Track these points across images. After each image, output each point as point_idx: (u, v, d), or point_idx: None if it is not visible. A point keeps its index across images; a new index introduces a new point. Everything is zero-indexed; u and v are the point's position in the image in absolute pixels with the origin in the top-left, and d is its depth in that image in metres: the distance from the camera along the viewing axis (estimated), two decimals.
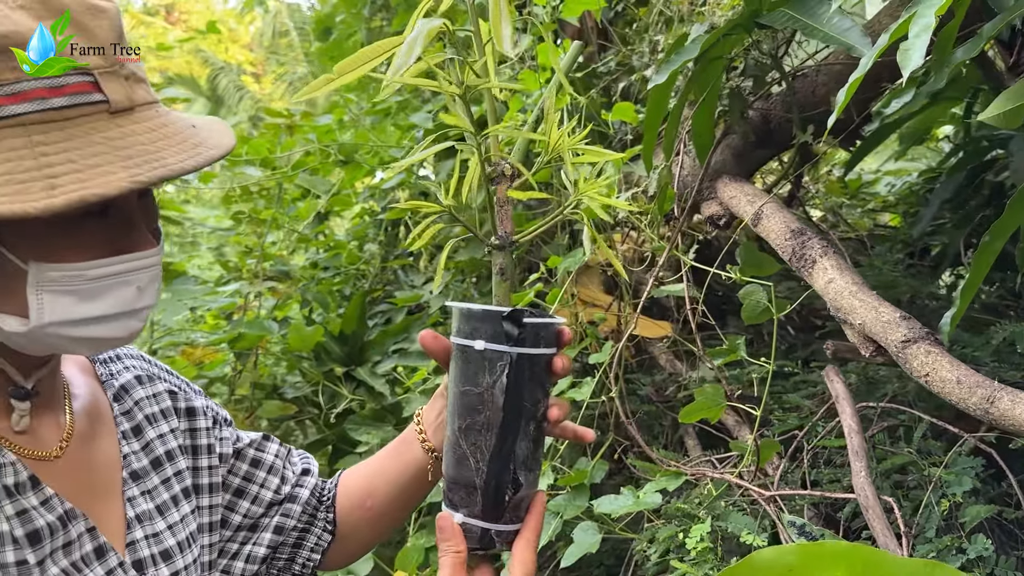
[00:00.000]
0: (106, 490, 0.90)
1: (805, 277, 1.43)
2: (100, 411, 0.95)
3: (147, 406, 0.99)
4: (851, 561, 0.74)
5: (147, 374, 1.03)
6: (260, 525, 1.08)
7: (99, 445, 0.92)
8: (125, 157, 0.71)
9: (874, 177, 2.99)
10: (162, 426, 1.00)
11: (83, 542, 0.83)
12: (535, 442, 0.85)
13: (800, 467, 1.81)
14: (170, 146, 0.75)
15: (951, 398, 1.15)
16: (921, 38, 0.99)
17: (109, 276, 0.76)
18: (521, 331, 0.82)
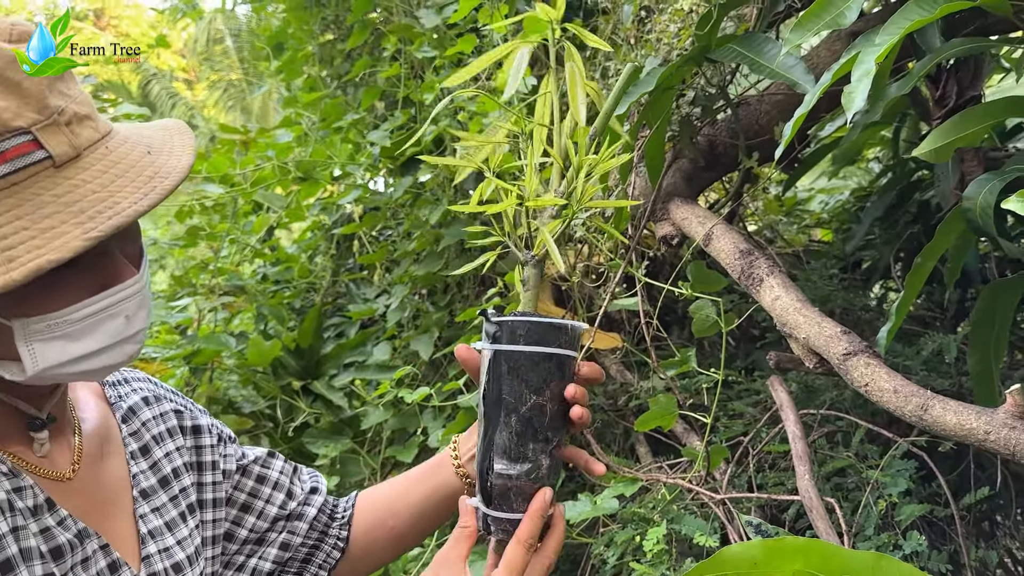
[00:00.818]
0: (117, 508, 0.94)
1: (753, 294, 1.53)
2: (109, 433, 0.98)
3: (154, 426, 1.03)
4: (809, 555, 0.83)
5: (154, 395, 1.07)
6: (266, 540, 1.12)
7: (109, 465, 0.96)
8: (77, 212, 0.70)
9: (808, 195, 3.14)
10: (168, 445, 1.04)
11: (97, 559, 0.87)
12: (519, 435, 0.88)
13: (747, 471, 1.92)
14: (124, 187, 0.74)
15: (889, 406, 1.25)
16: (863, 83, 1.10)
17: (94, 314, 0.77)
18: (497, 329, 0.89)
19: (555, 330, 0.89)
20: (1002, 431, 1.13)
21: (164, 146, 0.81)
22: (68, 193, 0.71)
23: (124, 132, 0.81)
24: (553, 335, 0.88)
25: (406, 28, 2.62)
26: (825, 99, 1.38)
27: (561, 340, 0.89)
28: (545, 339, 0.88)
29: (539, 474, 0.89)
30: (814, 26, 1.23)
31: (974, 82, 1.70)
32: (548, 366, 0.89)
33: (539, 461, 0.89)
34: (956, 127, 1.21)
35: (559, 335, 0.89)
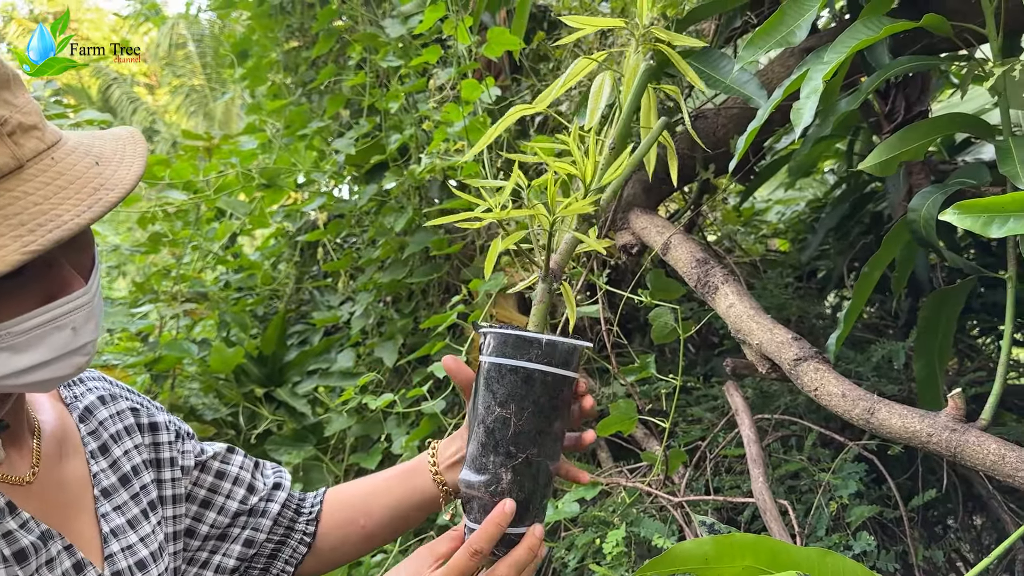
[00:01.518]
0: (78, 509, 0.94)
1: (709, 302, 1.57)
2: (67, 433, 0.98)
3: (111, 425, 1.03)
4: (758, 551, 0.87)
5: (109, 394, 1.06)
6: (229, 536, 1.12)
7: (68, 466, 0.96)
8: (17, 224, 0.69)
9: (765, 206, 3.22)
10: (127, 443, 1.04)
11: (62, 559, 0.87)
12: (483, 446, 0.88)
13: (704, 475, 1.96)
14: (67, 198, 0.73)
15: (837, 410, 1.30)
16: (811, 99, 1.14)
17: (39, 327, 0.76)
18: (483, 340, 0.90)
19: (524, 343, 0.86)
20: (943, 433, 1.19)
21: (114, 156, 0.80)
22: (8, 205, 0.69)
23: (73, 142, 0.80)
24: (522, 349, 0.86)
25: (371, 37, 2.64)
26: (779, 113, 1.43)
27: (531, 354, 0.86)
28: (513, 352, 0.86)
29: (498, 488, 0.87)
30: (766, 43, 1.28)
31: (921, 98, 1.77)
32: (513, 379, 0.86)
33: (498, 474, 0.87)
34: (901, 141, 1.26)
35: (528, 349, 0.86)
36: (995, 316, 2.24)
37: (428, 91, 2.52)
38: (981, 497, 2.01)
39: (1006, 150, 1.18)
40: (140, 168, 0.80)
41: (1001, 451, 1.12)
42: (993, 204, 0.93)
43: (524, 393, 0.87)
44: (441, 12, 2.08)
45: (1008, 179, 1.15)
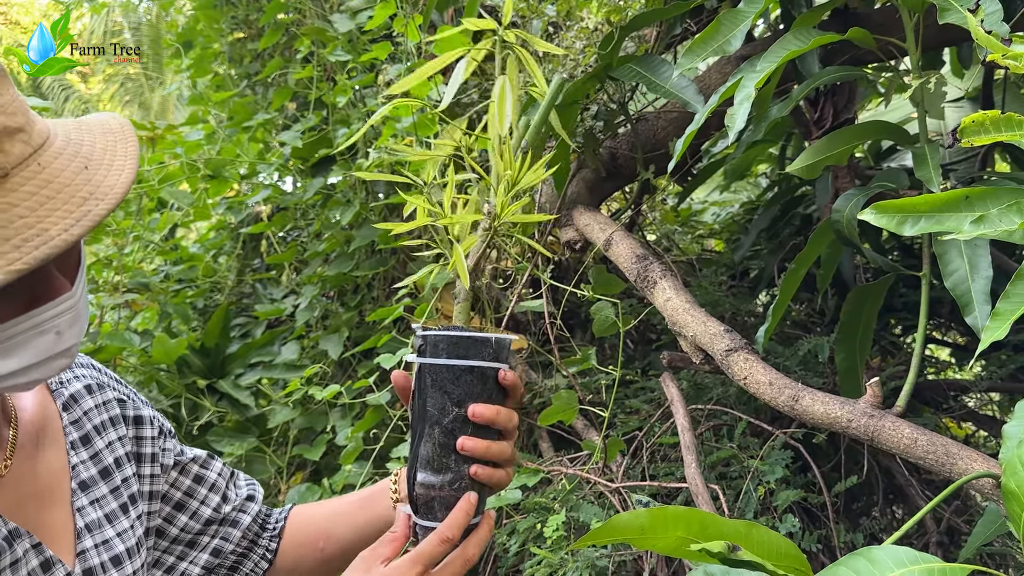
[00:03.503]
0: (52, 501, 0.91)
1: (647, 296, 1.64)
2: (48, 422, 0.95)
3: (96, 415, 1.00)
4: (689, 521, 0.94)
5: (97, 383, 1.03)
6: (197, 543, 1.10)
7: (46, 456, 0.92)
8: (2, 241, 0.66)
9: (702, 207, 3.32)
10: (111, 434, 1.01)
11: (29, 558, 0.84)
12: (441, 446, 0.89)
13: (640, 463, 2.04)
14: (55, 210, 0.69)
15: (764, 397, 1.38)
16: (744, 106, 1.22)
17: (22, 332, 0.74)
18: (422, 342, 0.90)
19: (478, 344, 0.88)
20: (862, 419, 1.27)
21: (104, 156, 0.76)
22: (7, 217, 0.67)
23: (60, 140, 0.75)
24: (476, 348, 0.88)
25: (319, 31, 2.66)
26: (716, 117, 1.51)
27: (484, 353, 0.89)
28: (467, 352, 0.88)
29: (462, 484, 0.89)
30: (703, 51, 1.35)
31: (848, 105, 1.87)
32: (470, 379, 0.88)
33: (461, 471, 0.89)
34: (826, 146, 1.35)
35: (482, 348, 0.88)
36: (916, 314, 2.37)
37: (376, 86, 2.55)
38: (901, 488, 2.13)
39: (922, 156, 1.28)
40: (132, 173, 0.76)
41: (914, 435, 1.21)
42: (907, 205, 1.02)
43: (479, 391, 0.89)
44: (391, 9, 2.12)
45: (923, 183, 1.25)
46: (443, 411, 0.89)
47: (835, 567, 0.84)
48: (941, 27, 1.21)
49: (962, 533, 1.99)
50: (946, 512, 2.01)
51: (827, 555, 1.85)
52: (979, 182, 1.65)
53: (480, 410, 0.87)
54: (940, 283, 1.30)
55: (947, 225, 0.99)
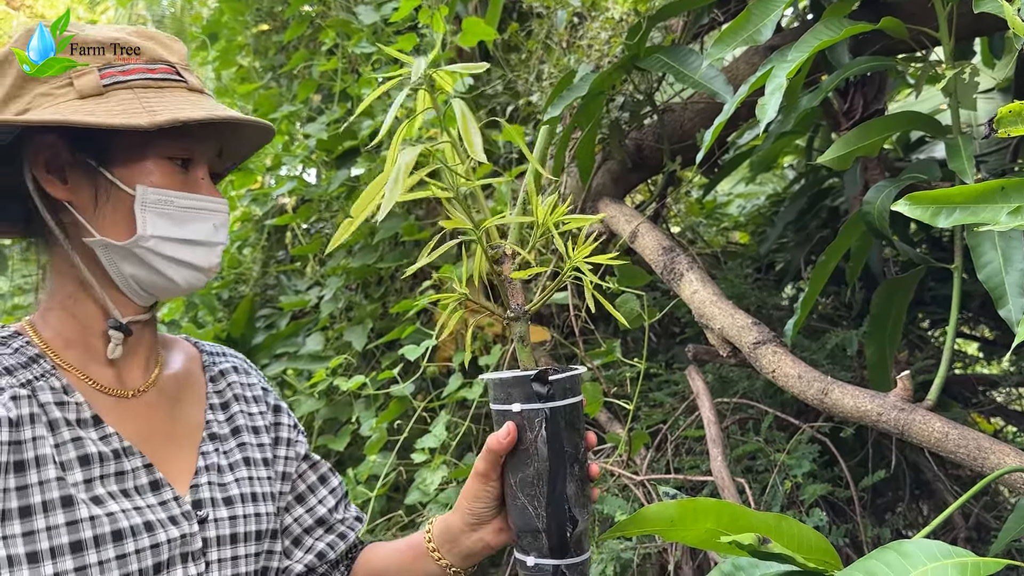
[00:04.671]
0: (181, 444, 1.00)
1: (674, 288, 1.63)
2: (193, 382, 1.07)
3: (239, 389, 1.10)
4: (719, 514, 0.93)
5: (243, 369, 1.14)
6: (303, 543, 1.13)
7: (184, 408, 1.03)
8: (199, 106, 0.93)
9: (728, 199, 3.30)
10: (251, 407, 1.10)
11: (138, 475, 0.92)
12: (581, 480, 0.94)
13: (664, 456, 2.03)
14: (227, 111, 0.96)
15: (793, 390, 1.37)
16: (775, 96, 1.21)
17: (192, 208, 0.95)
18: (550, 388, 0.91)
19: (579, 379, 0.95)
20: (893, 412, 1.26)
21: None
22: (196, 99, 0.94)
23: None
24: (579, 383, 0.95)
25: (344, 23, 2.66)
26: (744, 108, 1.50)
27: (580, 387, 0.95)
28: (577, 388, 0.95)
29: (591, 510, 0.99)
30: (733, 41, 1.34)
31: (878, 96, 1.85)
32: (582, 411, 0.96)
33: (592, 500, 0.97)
34: (857, 137, 1.34)
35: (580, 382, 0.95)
36: (944, 308, 2.34)
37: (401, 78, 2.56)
38: (928, 483, 2.11)
39: (955, 147, 1.26)
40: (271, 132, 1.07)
41: (945, 429, 1.20)
42: (941, 196, 1.00)
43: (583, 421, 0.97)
44: (417, 1, 2.12)
45: (956, 174, 1.23)
46: (577, 447, 0.93)
47: (865, 560, 0.83)
48: (974, 16, 1.19)
49: (991, 529, 1.97)
50: (975, 507, 1.99)
51: (853, 550, 1.83)
52: (1012, 173, 1.63)
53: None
54: (969, 276, 1.29)
55: (982, 216, 0.98)
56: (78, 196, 0.93)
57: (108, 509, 0.87)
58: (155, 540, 0.89)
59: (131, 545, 0.87)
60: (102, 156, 0.92)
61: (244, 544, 0.99)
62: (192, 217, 0.95)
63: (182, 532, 0.93)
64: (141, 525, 0.89)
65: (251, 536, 1.00)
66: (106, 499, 0.88)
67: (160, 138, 0.92)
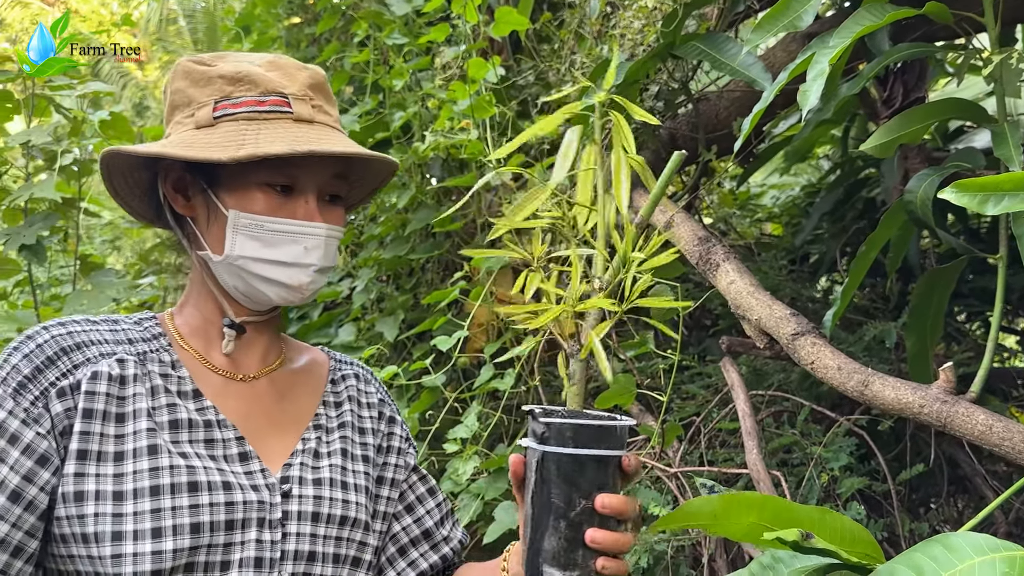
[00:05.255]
0: (285, 429, 1.05)
1: (710, 278, 1.62)
2: (311, 381, 1.12)
3: (354, 392, 1.14)
4: (763, 508, 0.92)
5: (365, 378, 1.17)
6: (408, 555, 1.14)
7: (296, 399, 1.09)
8: (292, 140, 0.96)
9: (761, 190, 3.27)
10: (363, 411, 1.14)
11: (228, 445, 0.98)
12: (569, 540, 0.83)
13: (698, 448, 2.02)
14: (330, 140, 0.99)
15: (833, 382, 1.35)
16: (817, 82, 1.19)
17: (281, 232, 0.99)
18: (545, 430, 0.83)
19: (606, 432, 0.83)
20: (934, 404, 1.24)
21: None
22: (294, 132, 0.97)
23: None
24: (604, 437, 0.83)
25: (376, 15, 2.66)
26: (780, 97, 1.48)
27: (611, 442, 0.83)
28: (595, 441, 0.82)
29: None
30: (772, 27, 1.32)
31: (919, 84, 1.82)
32: (596, 468, 0.83)
33: (588, 566, 0.84)
34: (900, 124, 1.31)
35: (609, 437, 0.83)
36: (982, 301, 2.30)
37: (432, 69, 2.55)
38: (965, 478, 2.08)
39: (1001, 135, 1.23)
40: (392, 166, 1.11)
41: (989, 422, 1.18)
42: (989, 183, 0.98)
43: (604, 480, 0.83)
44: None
45: (1003, 162, 1.20)
46: (570, 503, 0.83)
47: (910, 554, 0.81)
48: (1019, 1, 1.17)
49: None
50: (1015, 502, 1.95)
51: (891, 545, 1.81)
52: None
53: (609, 501, 0.83)
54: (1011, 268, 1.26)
55: None
56: (196, 213, 1.03)
57: (190, 463, 0.93)
58: (231, 499, 0.93)
59: (205, 498, 0.92)
60: (211, 180, 1.00)
61: (326, 525, 1.01)
62: (281, 240, 0.99)
63: (260, 499, 0.96)
64: (219, 483, 0.93)
65: (334, 519, 1.02)
66: (191, 456, 0.94)
67: (260, 167, 0.97)
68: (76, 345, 0.96)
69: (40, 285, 2.60)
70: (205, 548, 0.91)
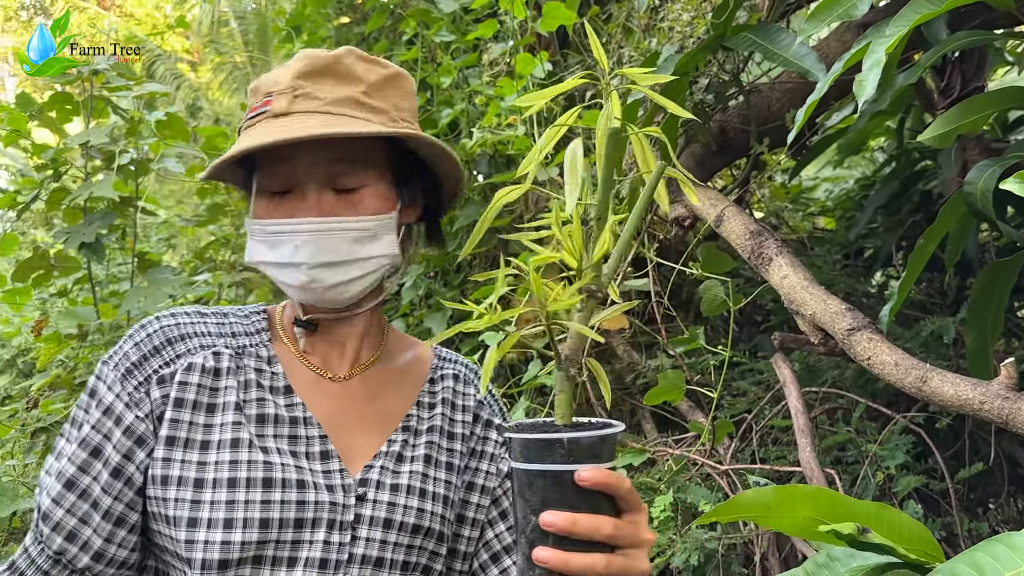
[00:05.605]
0: (371, 429, 1.04)
1: (762, 273, 1.60)
2: (407, 381, 1.10)
3: (449, 394, 1.11)
4: (818, 501, 0.91)
5: (465, 379, 1.14)
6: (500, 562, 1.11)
7: (387, 400, 1.08)
8: (266, 135, 0.92)
9: (813, 183, 3.21)
10: (456, 414, 1.11)
11: (311, 443, 0.98)
12: (526, 558, 0.76)
13: (749, 446, 1.99)
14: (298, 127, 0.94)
15: (890, 378, 1.32)
16: (874, 72, 1.16)
17: (276, 233, 0.97)
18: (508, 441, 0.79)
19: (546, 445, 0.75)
20: (996, 401, 1.21)
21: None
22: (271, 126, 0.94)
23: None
24: (545, 451, 0.75)
25: (424, 13, 2.68)
26: (834, 88, 1.45)
27: (555, 456, 0.75)
28: (540, 456, 0.75)
29: None
30: (827, 17, 1.30)
31: (977, 73, 1.77)
32: (543, 484, 0.75)
33: None
34: (959, 114, 1.28)
35: (551, 450, 0.75)
36: None
37: (479, 66, 2.56)
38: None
39: None
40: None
41: None
42: None
43: (556, 497, 0.75)
44: None
45: None
46: (525, 519, 0.77)
47: (971, 553, 0.80)
48: None
49: None
50: None
51: (949, 545, 1.77)
52: None
53: (551, 519, 0.74)
54: None
55: None
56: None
57: (269, 459, 0.94)
58: (302, 497, 0.94)
59: (277, 495, 0.93)
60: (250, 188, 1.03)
61: (397, 532, 1.00)
62: (278, 241, 0.98)
63: (333, 500, 0.96)
64: (293, 480, 0.94)
65: (407, 527, 1.00)
66: (272, 451, 0.95)
67: (260, 173, 0.99)
68: (180, 336, 1.00)
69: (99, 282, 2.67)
70: (273, 543, 0.92)
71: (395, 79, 1.03)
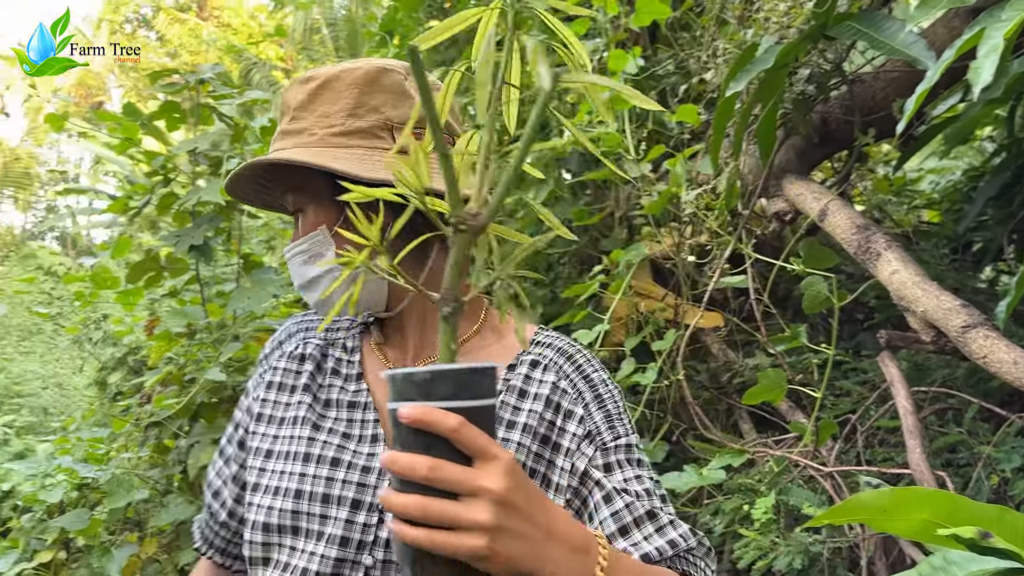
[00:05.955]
0: None
1: (870, 269, 1.55)
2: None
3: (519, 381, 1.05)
4: (937, 504, 0.87)
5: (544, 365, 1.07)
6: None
7: None
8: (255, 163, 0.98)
9: (917, 175, 3.09)
10: (524, 402, 1.04)
11: (365, 427, 1.03)
12: None
13: (854, 447, 1.93)
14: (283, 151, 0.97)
15: (1007, 377, 1.26)
16: (990, 58, 1.11)
17: (289, 258, 1.03)
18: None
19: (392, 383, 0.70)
20: None
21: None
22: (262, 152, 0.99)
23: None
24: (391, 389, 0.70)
25: (514, 13, 2.68)
26: (943, 76, 1.39)
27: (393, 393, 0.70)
28: (391, 395, 0.70)
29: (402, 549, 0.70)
30: (938, 3, 1.25)
31: None
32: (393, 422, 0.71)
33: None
34: None
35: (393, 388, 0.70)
36: None
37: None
38: None
39: None
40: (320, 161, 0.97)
41: None
42: None
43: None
44: None
45: None
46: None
47: None
48: None
49: None
50: None
51: None
52: None
53: (382, 457, 0.70)
54: None
55: None
56: None
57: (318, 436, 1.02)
58: (332, 475, 0.99)
59: (311, 469, 0.99)
60: None
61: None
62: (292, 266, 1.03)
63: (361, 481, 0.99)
64: (329, 458, 1.00)
65: None
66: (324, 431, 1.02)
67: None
68: (296, 331, 1.11)
69: (206, 283, 2.76)
70: (305, 515, 0.97)
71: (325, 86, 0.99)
